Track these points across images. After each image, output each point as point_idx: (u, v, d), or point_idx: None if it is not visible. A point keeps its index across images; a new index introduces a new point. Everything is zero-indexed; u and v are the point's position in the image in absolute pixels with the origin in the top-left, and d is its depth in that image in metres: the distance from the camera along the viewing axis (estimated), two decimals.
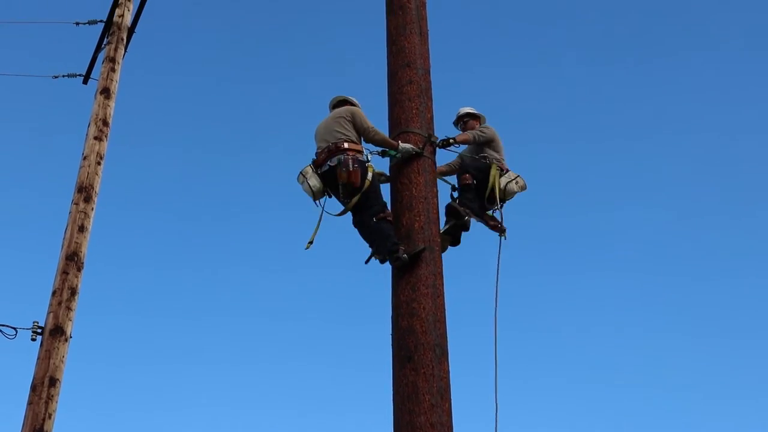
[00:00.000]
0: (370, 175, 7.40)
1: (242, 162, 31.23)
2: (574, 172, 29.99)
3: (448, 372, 6.32)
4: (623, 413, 23.91)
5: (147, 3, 11.94)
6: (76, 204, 9.97)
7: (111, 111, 10.99)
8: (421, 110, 7.76)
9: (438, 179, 7.69)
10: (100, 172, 10.37)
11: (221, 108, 31.93)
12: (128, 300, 27.50)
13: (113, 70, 11.38)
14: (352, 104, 8.10)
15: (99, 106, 10.95)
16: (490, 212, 8.47)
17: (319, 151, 7.67)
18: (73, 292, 9.35)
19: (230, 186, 30.77)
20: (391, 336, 6.58)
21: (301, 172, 7.62)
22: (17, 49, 27.56)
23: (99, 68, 11.52)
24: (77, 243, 9.66)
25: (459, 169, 8.64)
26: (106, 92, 11.09)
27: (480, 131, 8.68)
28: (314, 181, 7.51)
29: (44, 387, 8.71)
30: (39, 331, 9.09)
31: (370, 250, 7.32)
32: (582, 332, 26.38)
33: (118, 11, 11.94)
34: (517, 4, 32.73)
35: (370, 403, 23.84)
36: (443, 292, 6.76)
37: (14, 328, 9.12)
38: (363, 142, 7.69)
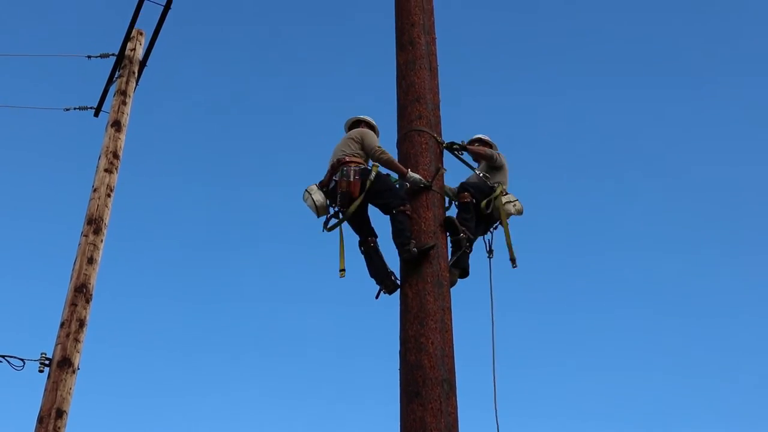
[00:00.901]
0: (373, 174, 7.53)
1: (253, 194, 31.33)
2: (582, 208, 30.01)
3: (456, 408, 6.29)
4: None
5: (159, 37, 12.04)
6: (86, 236, 9.99)
7: (121, 144, 11.04)
8: (431, 145, 7.79)
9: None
10: (110, 205, 10.40)
11: (232, 141, 32.09)
12: (136, 332, 27.47)
13: (124, 103, 11.45)
14: (367, 123, 8.25)
15: (110, 138, 11.01)
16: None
17: (327, 172, 7.84)
18: (82, 323, 9.34)
19: (241, 218, 30.85)
20: (398, 371, 6.57)
21: (306, 190, 7.77)
22: (30, 82, 27.77)
23: (110, 101, 11.58)
24: (86, 275, 9.67)
25: (458, 188, 8.44)
26: (117, 125, 11.15)
27: (498, 154, 8.61)
28: (318, 197, 7.67)
29: (51, 419, 8.68)
30: (47, 362, 9.07)
31: (379, 281, 7.40)
32: (585, 372, 26.25)
33: (129, 45, 12.03)
34: (528, 40, 32.89)
35: None
36: (451, 327, 6.75)
37: (22, 360, 9.11)
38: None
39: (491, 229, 8.34)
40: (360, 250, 7.60)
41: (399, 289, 7.06)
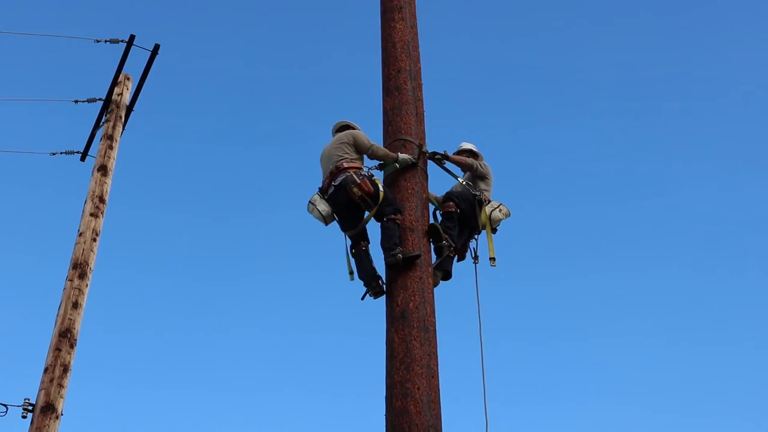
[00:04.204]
0: (381, 186, 7.72)
1: (242, 238, 31.30)
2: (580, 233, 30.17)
3: None
4: None
5: (146, 82, 12.07)
6: (71, 280, 9.95)
7: (108, 188, 11.03)
8: (417, 190, 7.85)
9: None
10: (95, 249, 10.37)
11: (219, 186, 32.13)
12: (121, 378, 27.22)
13: (111, 147, 11.45)
14: (353, 128, 8.39)
15: (96, 183, 11.00)
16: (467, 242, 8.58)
17: (324, 178, 8.02)
18: (66, 369, 9.28)
19: (230, 261, 30.79)
20: (384, 417, 6.54)
21: (310, 201, 7.96)
22: (17, 126, 27.76)
23: (97, 145, 11.58)
24: (71, 320, 9.61)
25: (443, 197, 8.65)
26: (103, 169, 11.15)
27: (480, 164, 8.80)
28: (323, 206, 7.85)
29: None
30: (30, 408, 8.99)
31: (366, 288, 7.55)
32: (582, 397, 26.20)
33: (117, 90, 12.05)
34: (512, 84, 33.18)
35: None
36: (438, 373, 6.74)
37: (5, 405, 9.03)
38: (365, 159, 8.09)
39: (475, 237, 8.58)
40: (351, 253, 7.78)
41: (386, 334, 7.06)
